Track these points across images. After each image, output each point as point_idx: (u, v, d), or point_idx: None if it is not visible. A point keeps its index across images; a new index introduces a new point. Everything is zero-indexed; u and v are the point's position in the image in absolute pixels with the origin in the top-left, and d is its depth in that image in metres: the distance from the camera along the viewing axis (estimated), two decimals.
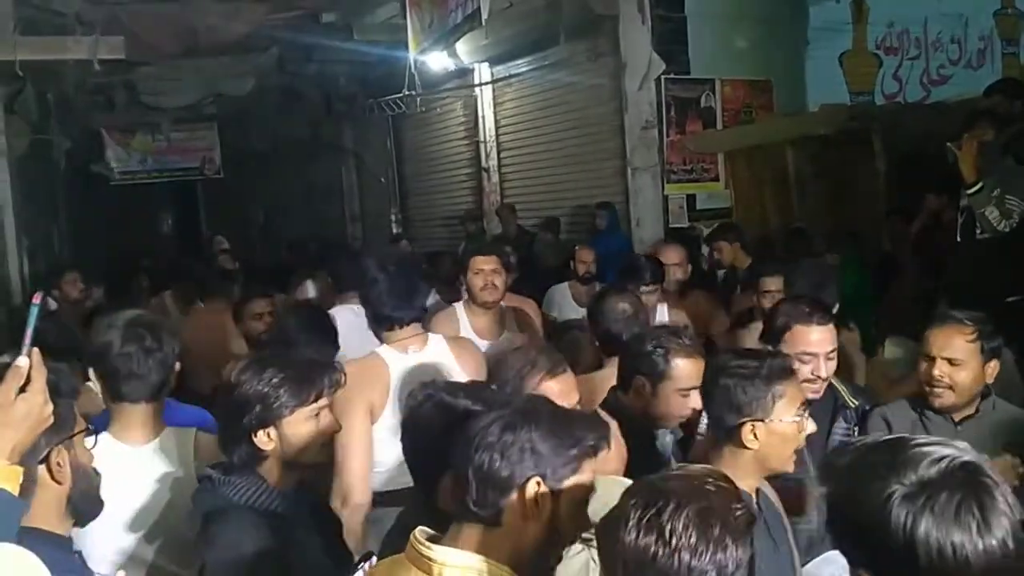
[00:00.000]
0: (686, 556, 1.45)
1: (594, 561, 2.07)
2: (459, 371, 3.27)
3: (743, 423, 2.32)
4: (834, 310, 3.54)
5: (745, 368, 2.35)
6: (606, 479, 2.29)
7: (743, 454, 2.33)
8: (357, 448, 3.17)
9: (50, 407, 1.61)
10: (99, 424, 2.71)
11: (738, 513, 1.51)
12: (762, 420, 2.31)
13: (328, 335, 4.00)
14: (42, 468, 1.82)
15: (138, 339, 2.67)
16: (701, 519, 1.47)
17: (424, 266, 6.71)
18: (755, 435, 2.31)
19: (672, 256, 5.58)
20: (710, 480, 1.57)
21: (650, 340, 2.97)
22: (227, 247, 11.05)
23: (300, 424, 2.33)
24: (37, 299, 1.61)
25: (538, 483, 1.71)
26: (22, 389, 1.57)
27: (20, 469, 1.58)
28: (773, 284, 4.55)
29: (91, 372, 2.79)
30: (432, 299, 5.38)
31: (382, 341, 3.46)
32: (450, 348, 3.51)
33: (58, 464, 1.84)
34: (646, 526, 1.48)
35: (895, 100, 9.21)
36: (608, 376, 3.20)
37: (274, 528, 2.26)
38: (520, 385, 2.39)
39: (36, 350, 1.59)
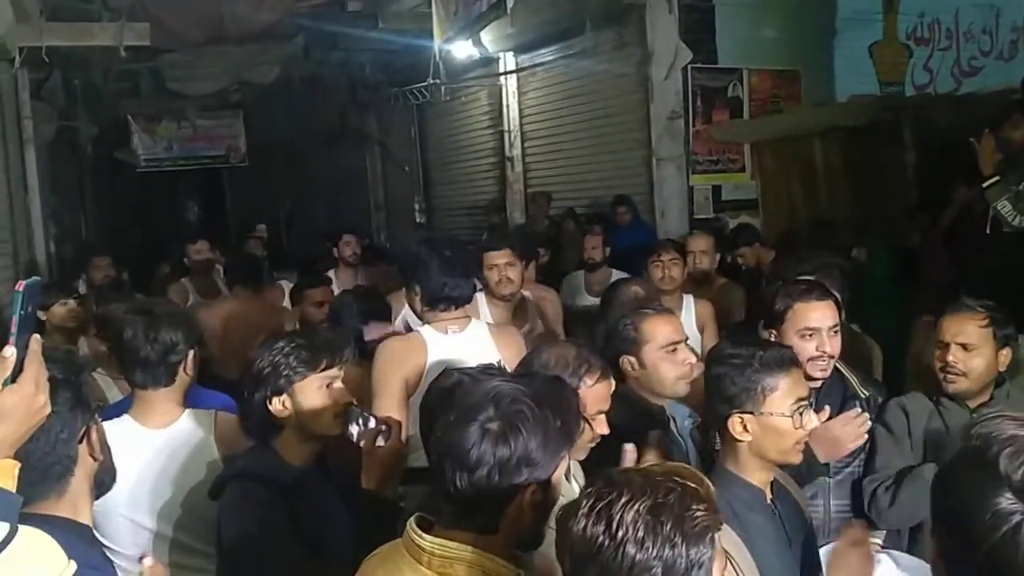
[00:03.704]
0: (631, 550, 1.40)
1: None
2: (497, 357, 3.25)
3: (731, 415, 2.27)
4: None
5: (738, 358, 2.30)
6: None
7: (739, 446, 2.29)
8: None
9: (43, 398, 1.53)
10: (124, 407, 2.84)
11: (697, 514, 1.44)
12: (751, 413, 2.26)
13: (381, 317, 4.05)
14: (82, 446, 1.83)
15: (138, 327, 2.77)
16: (652, 514, 1.41)
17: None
18: (745, 427, 2.26)
19: (699, 244, 5.54)
20: (676, 479, 1.49)
21: (615, 320, 2.98)
22: (263, 235, 10.97)
23: (312, 391, 2.44)
24: (20, 286, 1.53)
25: (534, 491, 1.69)
26: (13, 379, 1.49)
27: (15, 463, 1.51)
28: None
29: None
30: None
31: (425, 323, 3.50)
32: (491, 333, 3.53)
33: (95, 440, 1.86)
34: (596, 516, 1.43)
35: (925, 91, 9.10)
36: None
37: (277, 497, 2.33)
38: (578, 383, 2.38)
39: (36, 337, 1.53)
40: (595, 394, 2.41)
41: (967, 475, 1.36)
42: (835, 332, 3.05)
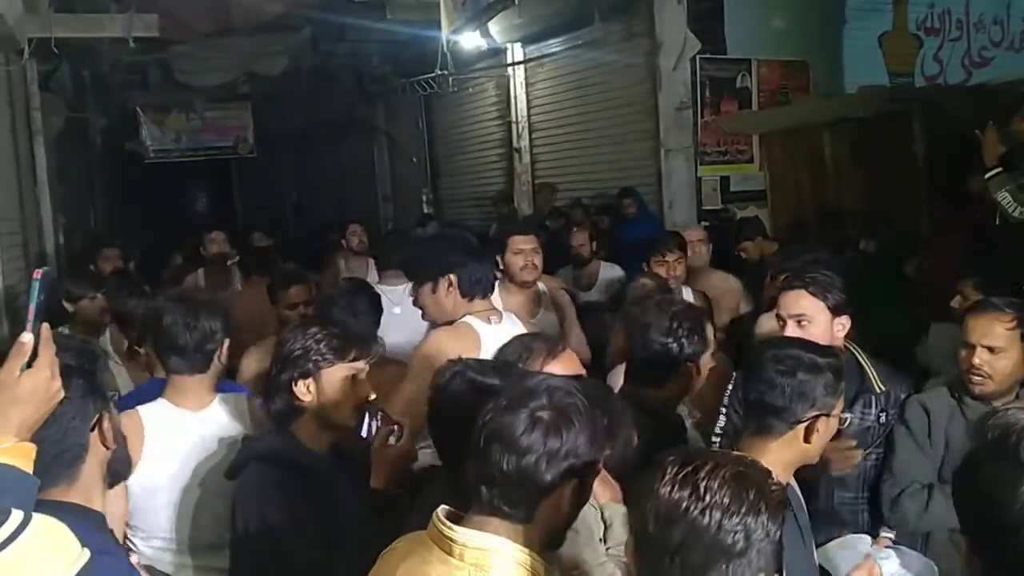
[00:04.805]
0: (717, 514, 1.45)
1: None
2: None
3: (817, 417, 2.29)
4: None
5: (822, 362, 2.34)
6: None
7: (795, 448, 2.30)
8: None
9: (58, 382, 1.59)
10: (154, 391, 2.90)
11: (774, 489, 1.51)
12: (827, 414, 2.31)
13: (373, 311, 4.04)
14: (93, 434, 1.85)
15: (179, 314, 2.83)
16: (737, 481, 1.48)
17: None
18: (818, 429, 2.30)
19: (695, 233, 5.69)
20: (747, 460, 1.58)
21: (673, 329, 2.89)
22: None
23: (337, 379, 2.48)
24: (38, 274, 1.60)
25: (574, 486, 1.70)
26: (29, 365, 1.55)
27: (32, 446, 1.56)
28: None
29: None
30: None
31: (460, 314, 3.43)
32: (524, 326, 3.51)
33: (107, 429, 1.87)
34: (681, 481, 1.49)
35: (935, 82, 9.05)
36: None
37: (295, 480, 2.36)
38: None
39: (46, 325, 1.58)
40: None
41: (989, 468, 1.38)
42: (801, 323, 3.07)
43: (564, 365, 2.45)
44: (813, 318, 3.08)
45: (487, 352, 3.19)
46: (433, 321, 3.48)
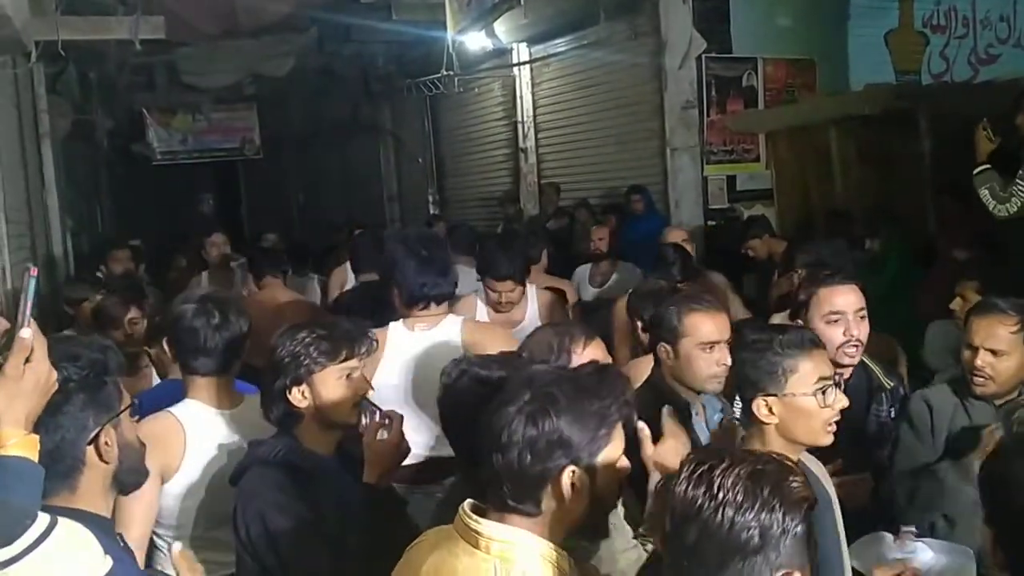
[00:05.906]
0: (730, 512, 1.47)
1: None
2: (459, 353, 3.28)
3: (755, 398, 2.30)
4: None
5: (759, 342, 2.33)
6: None
7: (765, 428, 2.31)
8: None
9: (55, 374, 1.66)
10: (174, 393, 2.88)
11: (794, 484, 1.51)
12: (775, 395, 2.28)
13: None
14: (90, 448, 1.84)
15: (207, 315, 2.80)
16: (752, 479, 1.49)
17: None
18: (770, 410, 2.28)
19: (678, 235, 5.72)
20: (773, 456, 1.58)
21: (664, 305, 3.00)
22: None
23: (331, 382, 2.45)
24: (34, 272, 1.66)
25: (572, 472, 1.71)
26: (27, 360, 1.61)
27: (36, 437, 1.62)
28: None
29: (164, 343, 2.97)
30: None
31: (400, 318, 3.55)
32: (465, 330, 3.53)
33: (106, 444, 1.86)
34: (697, 479, 1.51)
35: (942, 80, 9.02)
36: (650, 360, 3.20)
37: (296, 483, 2.36)
38: (568, 358, 2.46)
39: (32, 320, 1.63)
40: (590, 358, 2.46)
41: (1019, 462, 1.43)
42: (862, 316, 3.05)
43: (598, 350, 2.54)
44: (865, 313, 3.08)
45: (389, 357, 3.39)
46: None
